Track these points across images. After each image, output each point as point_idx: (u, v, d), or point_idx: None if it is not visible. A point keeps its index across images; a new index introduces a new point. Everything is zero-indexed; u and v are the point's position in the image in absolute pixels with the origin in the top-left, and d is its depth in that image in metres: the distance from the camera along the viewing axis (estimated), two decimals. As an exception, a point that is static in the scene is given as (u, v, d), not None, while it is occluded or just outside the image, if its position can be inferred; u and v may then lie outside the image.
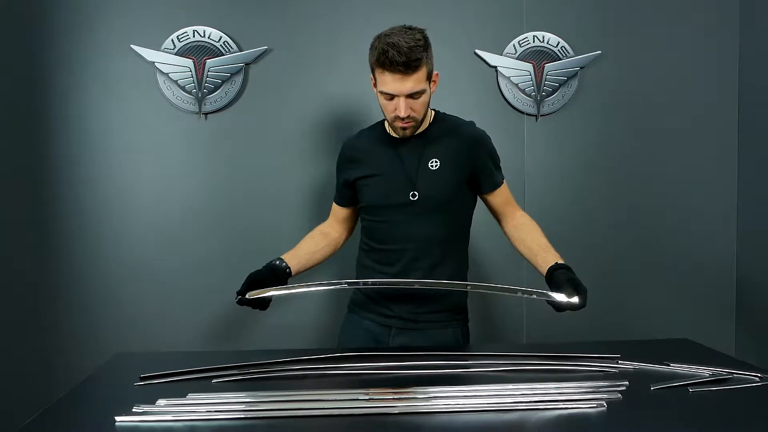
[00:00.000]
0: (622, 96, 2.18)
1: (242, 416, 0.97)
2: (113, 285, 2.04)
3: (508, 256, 1.94)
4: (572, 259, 2.12)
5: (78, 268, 2.03)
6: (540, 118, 2.16)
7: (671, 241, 2.22)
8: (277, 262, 1.46)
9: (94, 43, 2.00)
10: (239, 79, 2.04)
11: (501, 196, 1.56)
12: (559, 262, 1.40)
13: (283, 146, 2.07)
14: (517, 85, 2.13)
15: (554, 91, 2.14)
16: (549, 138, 2.17)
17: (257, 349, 1.54)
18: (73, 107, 2.01)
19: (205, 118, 2.05)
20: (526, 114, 2.16)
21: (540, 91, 2.14)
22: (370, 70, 1.41)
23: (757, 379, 1.15)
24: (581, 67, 2.15)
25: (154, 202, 2.05)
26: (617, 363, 1.26)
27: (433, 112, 1.55)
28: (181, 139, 2.06)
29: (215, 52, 2.02)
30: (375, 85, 1.42)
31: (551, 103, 2.15)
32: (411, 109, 1.39)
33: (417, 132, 1.49)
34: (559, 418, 0.98)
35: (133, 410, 0.98)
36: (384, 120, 1.56)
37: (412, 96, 1.38)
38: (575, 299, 1.28)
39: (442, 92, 2.11)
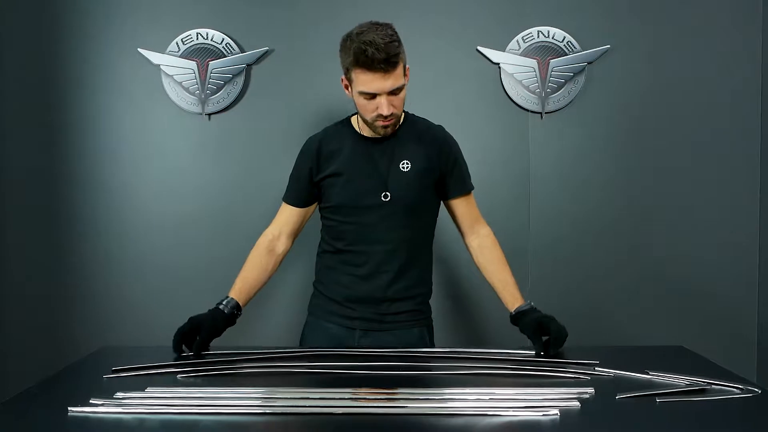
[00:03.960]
0: (631, 93, 2.08)
1: (193, 411, 0.98)
2: (118, 282, 2.10)
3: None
4: (578, 262, 2.09)
5: (84, 266, 2.10)
6: (545, 116, 2.10)
7: (684, 244, 2.10)
8: (226, 309, 1.42)
9: (103, 46, 2.07)
10: (241, 79, 2.07)
11: (468, 205, 1.56)
12: (521, 305, 1.47)
13: (285, 145, 2.08)
14: (520, 82, 2.08)
15: (560, 87, 2.08)
16: (554, 136, 2.10)
17: (255, 346, 1.53)
18: (84, 108, 2.08)
19: (209, 118, 2.09)
20: (531, 111, 2.10)
21: (545, 87, 2.08)
22: (343, 72, 1.41)
23: (737, 391, 1.08)
24: (588, 63, 2.07)
25: (159, 201, 2.10)
26: (594, 369, 1.21)
27: (403, 113, 1.52)
28: (186, 139, 2.10)
29: (218, 54, 2.06)
30: (348, 86, 1.41)
31: (557, 100, 2.08)
32: (392, 105, 1.38)
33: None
34: (510, 424, 0.94)
35: (90, 402, 1.01)
36: (350, 117, 1.55)
37: (393, 93, 1.37)
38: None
39: (443, 91, 2.10)
